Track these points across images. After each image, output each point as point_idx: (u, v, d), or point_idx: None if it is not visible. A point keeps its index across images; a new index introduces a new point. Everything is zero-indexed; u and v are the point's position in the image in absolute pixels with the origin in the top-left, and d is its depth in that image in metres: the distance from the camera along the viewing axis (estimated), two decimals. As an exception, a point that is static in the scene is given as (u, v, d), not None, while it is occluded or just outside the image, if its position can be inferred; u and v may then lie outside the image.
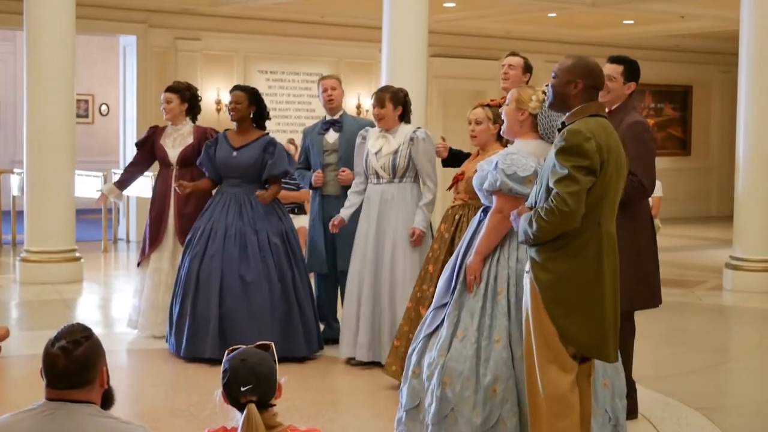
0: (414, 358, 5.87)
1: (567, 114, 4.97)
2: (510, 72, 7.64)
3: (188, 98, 9.16)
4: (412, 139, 7.89)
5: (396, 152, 7.89)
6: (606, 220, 4.87)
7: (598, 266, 4.84)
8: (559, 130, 4.96)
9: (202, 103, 9.48)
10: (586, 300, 4.83)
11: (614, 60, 6.64)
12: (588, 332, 4.85)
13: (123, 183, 9.36)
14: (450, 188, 7.11)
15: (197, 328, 8.12)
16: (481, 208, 5.96)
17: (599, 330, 4.87)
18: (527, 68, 7.69)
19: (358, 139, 8.21)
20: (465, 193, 6.89)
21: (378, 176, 7.96)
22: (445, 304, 5.80)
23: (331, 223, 8.24)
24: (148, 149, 9.18)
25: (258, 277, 8.12)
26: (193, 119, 9.21)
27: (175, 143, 9.06)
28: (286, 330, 8.14)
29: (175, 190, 8.85)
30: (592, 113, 4.93)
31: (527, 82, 7.50)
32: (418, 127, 8.08)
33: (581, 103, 4.94)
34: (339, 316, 8.57)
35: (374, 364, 7.89)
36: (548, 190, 4.82)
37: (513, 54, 7.85)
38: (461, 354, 5.59)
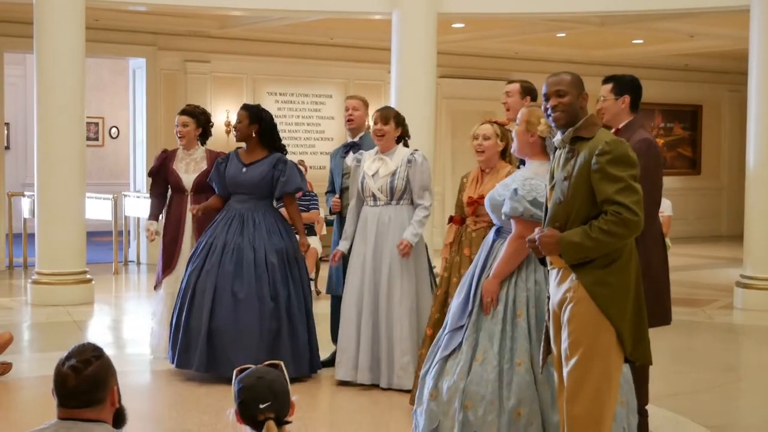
0: (430, 381, 5.85)
1: (574, 127, 4.93)
2: (509, 100, 7.60)
3: (203, 123, 9.13)
4: (409, 161, 7.89)
5: (394, 174, 7.89)
6: None
7: (638, 274, 4.90)
8: (571, 143, 4.94)
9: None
10: (636, 309, 4.86)
11: (603, 81, 6.67)
12: (641, 339, 4.89)
13: (156, 214, 9.22)
14: (471, 214, 7.02)
15: (189, 340, 8.17)
16: (494, 229, 5.96)
17: (646, 336, 4.93)
18: (525, 91, 7.58)
19: (353, 162, 8.21)
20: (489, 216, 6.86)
21: (375, 198, 7.95)
22: (461, 327, 5.80)
23: (331, 258, 8.25)
24: (163, 176, 9.11)
25: (250, 295, 8.11)
26: (203, 143, 9.20)
27: (188, 168, 9.02)
28: (274, 349, 8.05)
29: (192, 216, 8.85)
30: (600, 125, 4.98)
31: None
32: (416, 150, 8.07)
33: (585, 115, 4.97)
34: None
35: (373, 386, 7.90)
36: (591, 204, 4.79)
37: (510, 81, 7.80)
38: (482, 378, 5.59)
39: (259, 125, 8.41)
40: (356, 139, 8.73)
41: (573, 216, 4.84)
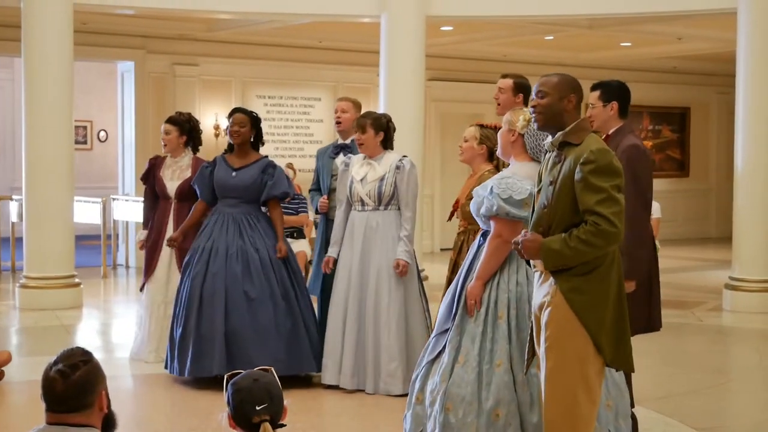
0: (417, 385, 5.88)
1: (563, 132, 4.89)
2: (500, 96, 7.55)
3: (188, 130, 9.10)
4: (398, 167, 7.88)
5: (382, 179, 7.88)
6: None
7: (620, 281, 4.87)
8: (559, 148, 4.93)
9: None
10: (617, 316, 4.83)
11: (591, 88, 6.62)
12: (620, 347, 4.86)
13: (148, 221, 9.21)
14: (449, 219, 7.10)
15: (202, 347, 8.06)
16: (480, 233, 5.98)
17: (628, 344, 4.90)
18: (518, 88, 7.53)
19: (341, 166, 8.19)
20: (463, 219, 6.92)
21: (363, 203, 7.94)
22: (446, 330, 5.81)
23: (324, 264, 8.21)
24: (151, 182, 9.12)
25: (262, 294, 8.09)
26: (195, 150, 9.19)
27: (173, 175, 9.02)
28: (293, 346, 8.10)
29: (173, 223, 8.86)
30: (590, 130, 4.93)
31: (525, 102, 7.47)
32: (404, 156, 8.05)
33: (574, 119, 4.91)
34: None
35: (359, 392, 7.90)
36: (573, 211, 4.77)
37: (503, 76, 7.76)
38: (463, 379, 5.60)
39: (256, 130, 8.44)
40: (347, 141, 8.69)
41: (556, 222, 4.84)
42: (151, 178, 9.13)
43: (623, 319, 4.87)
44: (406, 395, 7.60)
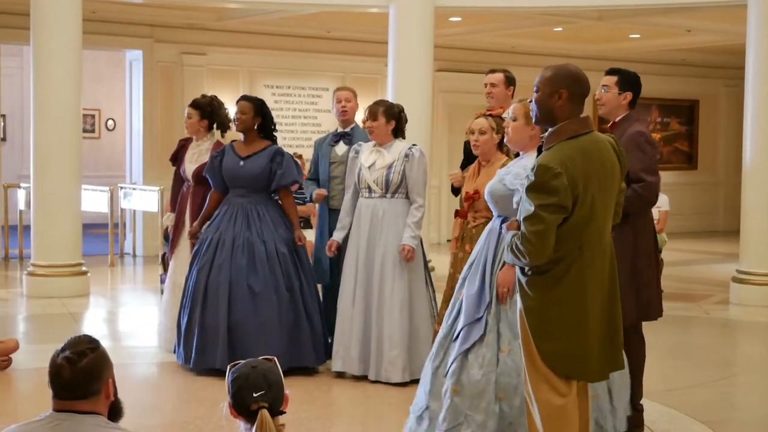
0: (451, 377, 5.80)
1: (546, 133, 4.83)
2: (493, 90, 7.60)
3: (209, 114, 9.07)
4: (407, 156, 7.88)
5: (390, 167, 7.88)
6: (590, 243, 4.75)
7: (579, 290, 4.74)
8: (539, 150, 4.90)
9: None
10: (567, 325, 4.75)
11: (609, 72, 6.58)
12: (568, 356, 4.78)
13: (174, 204, 9.18)
14: (467, 210, 6.98)
15: (206, 339, 8.09)
16: (500, 219, 5.88)
17: (581, 353, 4.78)
18: (509, 81, 7.61)
19: (351, 153, 8.21)
20: (486, 210, 6.81)
21: (370, 190, 7.95)
22: (479, 319, 5.76)
23: (327, 248, 8.25)
24: (178, 164, 9.13)
25: (266, 288, 8.09)
26: (223, 132, 9.16)
27: (193, 158, 9.00)
28: (294, 340, 8.11)
29: (189, 206, 8.85)
30: (572, 134, 4.74)
31: (512, 95, 7.51)
32: (414, 144, 8.06)
33: (567, 114, 4.76)
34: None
35: (364, 378, 7.94)
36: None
37: (492, 71, 7.78)
38: (511, 368, 5.60)
39: (262, 118, 8.41)
40: (347, 130, 8.71)
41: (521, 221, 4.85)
42: (178, 160, 9.12)
43: (580, 328, 4.76)
44: (404, 384, 7.64)
